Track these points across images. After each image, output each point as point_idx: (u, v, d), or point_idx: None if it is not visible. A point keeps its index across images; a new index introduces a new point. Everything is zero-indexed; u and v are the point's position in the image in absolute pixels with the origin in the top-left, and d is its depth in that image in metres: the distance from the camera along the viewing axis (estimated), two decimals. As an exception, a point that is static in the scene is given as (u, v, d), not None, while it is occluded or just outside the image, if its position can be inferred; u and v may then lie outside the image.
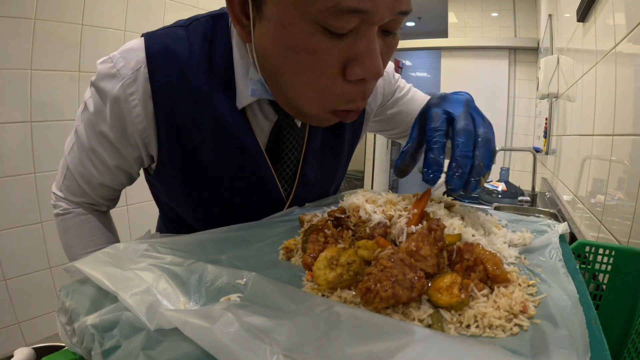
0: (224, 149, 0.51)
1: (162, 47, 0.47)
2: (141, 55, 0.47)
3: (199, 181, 0.53)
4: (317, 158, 0.60)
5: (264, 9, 0.38)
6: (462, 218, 0.44)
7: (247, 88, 0.48)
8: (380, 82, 0.65)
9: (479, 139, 0.41)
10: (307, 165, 0.58)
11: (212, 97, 0.49)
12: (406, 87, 0.71)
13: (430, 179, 0.41)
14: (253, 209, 0.56)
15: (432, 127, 0.43)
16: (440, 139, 0.42)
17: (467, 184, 0.40)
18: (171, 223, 0.65)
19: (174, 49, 0.48)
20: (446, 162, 0.42)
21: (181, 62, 0.48)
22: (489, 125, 0.44)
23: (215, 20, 0.50)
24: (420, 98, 0.72)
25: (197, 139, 0.50)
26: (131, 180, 0.59)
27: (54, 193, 0.60)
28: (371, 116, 0.68)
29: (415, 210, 0.41)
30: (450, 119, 0.43)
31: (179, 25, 0.50)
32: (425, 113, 0.46)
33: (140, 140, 0.50)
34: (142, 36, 0.49)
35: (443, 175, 0.41)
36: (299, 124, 0.55)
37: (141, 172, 0.60)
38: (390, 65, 0.68)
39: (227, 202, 0.56)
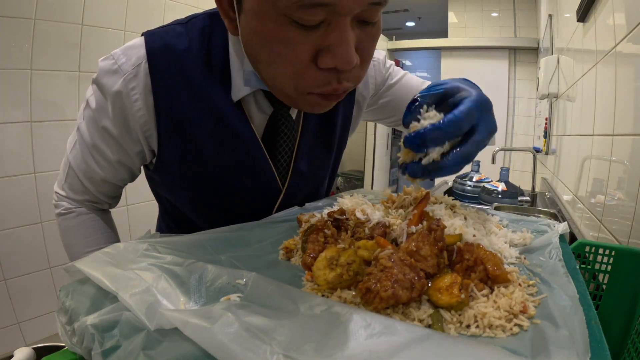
0: (222, 141, 0.52)
1: (161, 43, 0.49)
2: (142, 51, 0.48)
3: (198, 173, 0.54)
4: (309, 149, 0.60)
5: (243, 2, 0.40)
6: (465, 218, 0.44)
7: (242, 80, 0.50)
8: (371, 72, 0.65)
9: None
10: (300, 157, 0.59)
11: (209, 91, 0.50)
12: (399, 73, 0.70)
13: (406, 139, 0.39)
14: (251, 200, 0.57)
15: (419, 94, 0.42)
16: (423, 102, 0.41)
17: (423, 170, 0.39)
18: (170, 218, 0.66)
19: (174, 45, 0.49)
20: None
21: (180, 57, 0.49)
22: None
23: (212, 17, 0.52)
24: (414, 83, 0.70)
25: (196, 131, 0.51)
26: (133, 176, 0.60)
27: (56, 192, 0.61)
28: (364, 107, 0.68)
29: (416, 211, 0.41)
30: (445, 97, 0.43)
31: (177, 22, 0.52)
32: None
33: (142, 134, 0.51)
34: (142, 35, 0.50)
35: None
36: (293, 115, 0.56)
37: (141, 169, 0.60)
38: (382, 53, 0.67)
39: (225, 192, 0.57)
